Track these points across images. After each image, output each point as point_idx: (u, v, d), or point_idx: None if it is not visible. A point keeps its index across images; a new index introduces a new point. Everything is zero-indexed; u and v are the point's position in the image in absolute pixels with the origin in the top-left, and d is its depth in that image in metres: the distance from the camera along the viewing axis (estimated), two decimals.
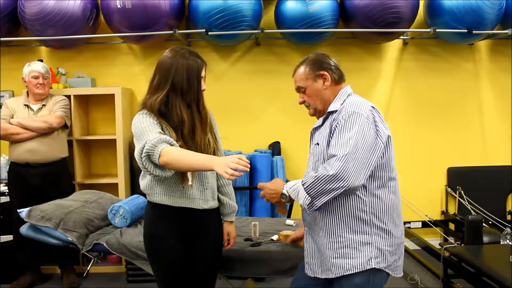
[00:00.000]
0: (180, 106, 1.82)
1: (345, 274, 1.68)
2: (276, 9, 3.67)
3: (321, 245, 1.74)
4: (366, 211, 1.68)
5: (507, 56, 4.04)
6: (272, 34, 3.86)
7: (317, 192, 1.59)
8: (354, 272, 1.67)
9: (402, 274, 1.78)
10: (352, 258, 1.68)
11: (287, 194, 1.69)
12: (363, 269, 1.67)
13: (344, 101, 1.75)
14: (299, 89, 1.85)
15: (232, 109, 3.98)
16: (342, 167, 1.56)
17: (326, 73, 1.79)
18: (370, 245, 1.68)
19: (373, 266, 1.67)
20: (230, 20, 3.39)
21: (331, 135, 1.68)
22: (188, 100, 1.83)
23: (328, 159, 1.63)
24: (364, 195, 1.68)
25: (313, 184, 1.59)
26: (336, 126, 1.66)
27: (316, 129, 1.83)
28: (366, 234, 1.68)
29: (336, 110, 1.73)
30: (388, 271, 1.72)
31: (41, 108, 3.25)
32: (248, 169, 1.56)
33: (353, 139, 1.60)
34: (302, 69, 1.83)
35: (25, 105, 3.24)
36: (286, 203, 1.77)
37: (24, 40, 3.77)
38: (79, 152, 3.65)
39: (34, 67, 3.20)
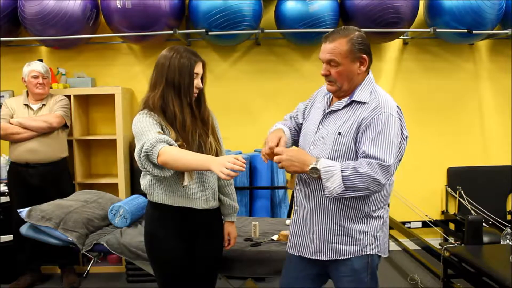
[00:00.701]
0: (173, 101, 1.83)
1: (338, 258, 1.72)
2: (276, 9, 3.67)
3: (315, 229, 1.76)
4: (369, 203, 1.72)
5: (507, 56, 4.04)
6: (272, 34, 3.86)
7: (353, 186, 1.60)
8: (349, 257, 1.72)
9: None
10: (349, 245, 1.72)
11: (320, 170, 1.62)
12: (358, 255, 1.72)
13: (371, 92, 1.71)
14: (329, 62, 1.69)
15: (232, 109, 3.97)
16: (387, 177, 1.62)
17: (367, 58, 1.71)
18: (367, 233, 1.73)
19: (368, 253, 1.73)
20: (230, 20, 3.39)
21: (360, 130, 1.65)
22: (181, 96, 1.84)
23: (361, 156, 1.63)
24: None
25: (354, 178, 1.59)
26: (371, 125, 1.63)
27: (331, 112, 1.76)
28: (364, 224, 1.72)
29: (365, 102, 1.69)
30: (380, 254, 1.78)
31: (41, 107, 3.25)
32: (245, 169, 1.56)
33: (394, 145, 1.63)
34: (344, 43, 1.67)
35: (25, 104, 3.23)
36: (312, 177, 1.67)
37: (24, 40, 3.77)
38: (79, 152, 3.65)
39: (34, 67, 3.20)
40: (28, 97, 3.27)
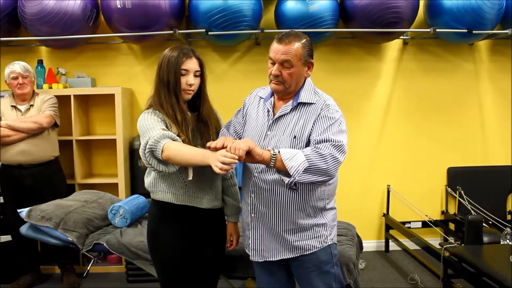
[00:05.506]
0: (165, 98, 1.85)
1: (304, 253, 1.80)
2: (276, 9, 3.67)
3: (277, 231, 1.81)
4: (324, 198, 1.81)
5: (507, 56, 4.04)
6: (272, 34, 3.82)
7: (315, 166, 1.61)
8: (314, 251, 1.80)
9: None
10: (311, 239, 1.80)
11: (280, 151, 1.61)
12: (321, 247, 1.80)
13: (314, 93, 1.80)
14: (283, 62, 1.72)
15: (232, 109, 3.92)
16: (343, 155, 1.67)
17: (313, 63, 1.82)
18: (325, 225, 1.82)
19: (329, 243, 1.82)
20: (230, 20, 3.39)
21: (314, 126, 1.72)
22: (171, 93, 1.85)
23: (313, 143, 1.68)
24: (326, 184, 1.78)
25: (315, 158, 1.62)
26: (322, 120, 1.72)
27: (279, 117, 1.80)
28: (321, 217, 1.81)
29: (312, 103, 1.77)
30: (336, 243, 1.90)
31: (29, 108, 3.20)
32: (237, 161, 1.55)
33: (344, 132, 1.72)
34: (300, 47, 1.73)
35: (12, 106, 3.19)
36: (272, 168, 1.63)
37: (24, 40, 3.77)
38: (79, 152, 3.65)
39: (11, 68, 3.15)
40: (14, 98, 3.22)
